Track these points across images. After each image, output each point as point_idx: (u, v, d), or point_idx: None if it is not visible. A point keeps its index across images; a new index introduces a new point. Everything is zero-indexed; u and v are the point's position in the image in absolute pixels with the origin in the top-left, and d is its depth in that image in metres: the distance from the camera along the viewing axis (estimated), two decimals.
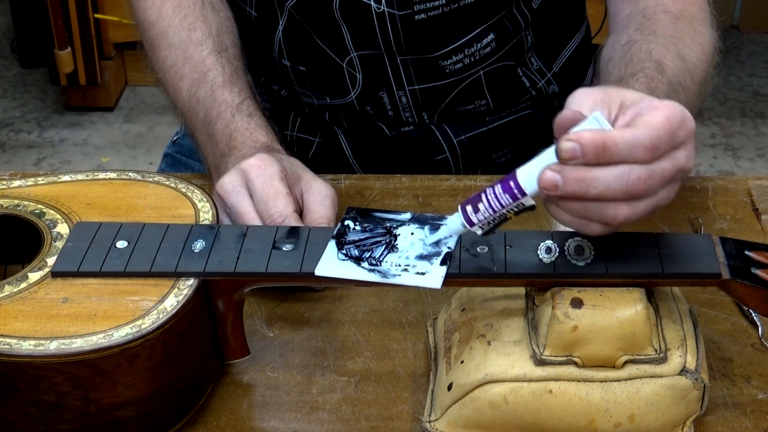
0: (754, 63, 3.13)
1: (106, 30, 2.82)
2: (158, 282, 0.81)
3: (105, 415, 0.78)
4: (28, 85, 3.06)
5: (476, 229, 0.78)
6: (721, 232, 1.03)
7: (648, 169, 0.74)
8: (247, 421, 0.85)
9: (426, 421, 0.83)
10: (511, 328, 0.82)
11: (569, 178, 0.73)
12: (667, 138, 0.74)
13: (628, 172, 0.73)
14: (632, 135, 0.73)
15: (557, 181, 0.73)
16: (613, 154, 0.73)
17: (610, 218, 0.75)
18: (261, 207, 0.93)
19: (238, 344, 0.86)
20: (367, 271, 0.81)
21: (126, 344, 0.76)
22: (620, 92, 0.78)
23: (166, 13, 1.11)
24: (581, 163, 0.73)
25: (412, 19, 1.09)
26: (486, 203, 0.76)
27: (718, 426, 0.84)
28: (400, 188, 1.11)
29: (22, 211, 0.89)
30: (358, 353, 0.91)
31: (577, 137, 0.73)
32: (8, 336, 0.76)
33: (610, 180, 0.73)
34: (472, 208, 0.77)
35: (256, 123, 1.03)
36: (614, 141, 0.72)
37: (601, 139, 0.72)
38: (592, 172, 0.73)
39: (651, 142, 0.73)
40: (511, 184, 0.76)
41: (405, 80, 1.14)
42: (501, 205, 0.76)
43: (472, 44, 1.13)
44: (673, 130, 0.74)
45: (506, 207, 0.76)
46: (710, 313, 0.94)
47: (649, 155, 0.73)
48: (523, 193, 0.76)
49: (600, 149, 0.72)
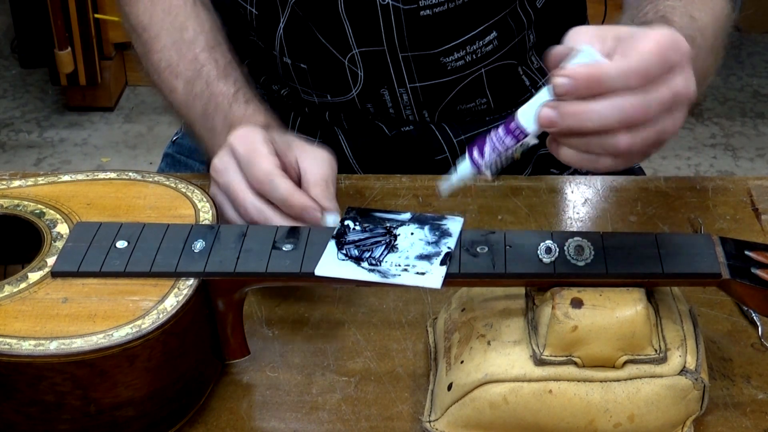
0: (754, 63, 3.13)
1: (106, 30, 2.82)
2: (158, 282, 0.81)
3: (105, 415, 0.78)
4: (28, 85, 3.06)
5: (485, 170, 0.79)
6: (721, 232, 1.03)
7: (643, 95, 0.74)
8: (247, 421, 0.85)
9: (426, 421, 0.83)
10: (511, 328, 0.82)
11: (565, 113, 0.74)
12: (659, 62, 0.74)
13: (622, 101, 0.73)
14: (624, 64, 0.73)
15: (554, 117, 0.74)
16: (607, 86, 0.73)
17: (612, 149, 0.75)
18: (247, 173, 0.91)
19: (238, 344, 0.86)
20: (367, 271, 0.81)
21: (126, 344, 0.76)
22: (615, 28, 0.78)
23: (158, 16, 1.11)
24: (576, 97, 0.73)
25: (416, 15, 1.10)
26: (491, 146, 0.78)
27: (718, 426, 0.84)
28: (400, 188, 1.11)
29: (22, 211, 0.89)
30: (358, 353, 0.91)
31: (569, 72, 0.73)
32: (8, 336, 0.76)
33: (606, 111, 0.73)
34: (478, 152, 0.79)
35: (253, 108, 1.03)
36: (606, 72, 0.73)
37: (593, 72, 0.73)
38: (587, 105, 0.73)
39: (642, 68, 0.73)
40: (512, 126, 0.77)
41: (406, 77, 1.14)
42: (505, 147, 0.78)
43: (474, 42, 1.13)
44: (664, 54, 0.74)
45: (510, 148, 0.78)
46: (710, 313, 0.94)
47: (642, 81, 0.73)
48: (524, 133, 0.77)
49: (592, 82, 0.73)
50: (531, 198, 1.09)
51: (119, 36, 2.83)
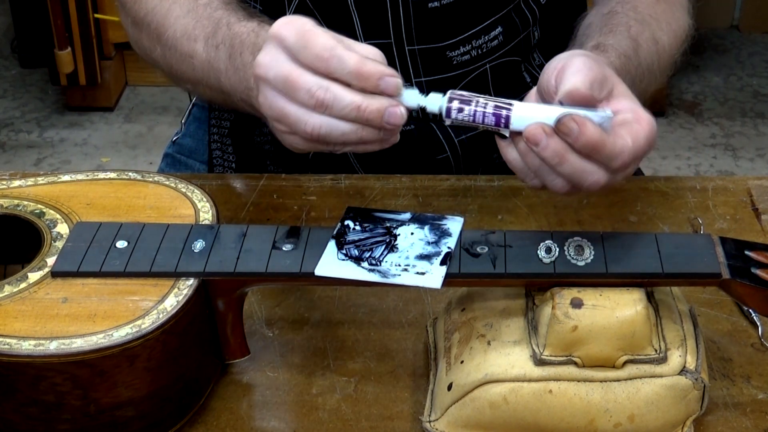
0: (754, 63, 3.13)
1: (106, 30, 2.82)
2: (158, 282, 0.81)
3: (105, 415, 0.78)
4: (28, 85, 3.06)
5: (446, 119, 0.80)
6: (721, 232, 1.03)
7: (611, 176, 0.80)
8: (247, 421, 0.85)
9: (426, 421, 0.83)
10: (511, 328, 0.82)
11: (551, 147, 0.78)
12: (639, 156, 0.80)
13: (595, 173, 0.79)
14: (620, 146, 0.78)
15: (541, 141, 0.78)
16: (597, 155, 0.78)
17: (552, 185, 0.81)
18: (303, 56, 0.80)
19: (238, 344, 0.86)
20: (367, 271, 0.81)
21: (126, 344, 0.76)
22: (615, 79, 0.83)
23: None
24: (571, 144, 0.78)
25: (425, 7, 1.10)
26: (471, 110, 0.80)
27: (718, 426, 0.84)
28: (400, 188, 1.11)
29: (22, 211, 0.89)
30: (358, 353, 0.91)
31: (582, 124, 0.77)
32: (8, 336, 0.76)
33: (579, 170, 0.78)
34: (458, 104, 0.80)
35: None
36: (605, 146, 0.78)
37: (600, 141, 0.77)
38: (572, 155, 0.78)
39: (629, 157, 0.79)
40: (503, 113, 0.79)
41: (412, 72, 1.14)
42: (482, 121, 0.80)
43: (480, 36, 1.13)
44: (645, 150, 0.80)
45: (485, 124, 0.80)
46: (710, 313, 0.94)
47: (620, 168, 0.79)
48: (507, 125, 0.79)
49: (592, 146, 0.77)
50: (531, 198, 1.09)
51: (119, 36, 2.83)
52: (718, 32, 3.21)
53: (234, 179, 1.14)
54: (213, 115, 1.27)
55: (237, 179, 1.13)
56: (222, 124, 1.27)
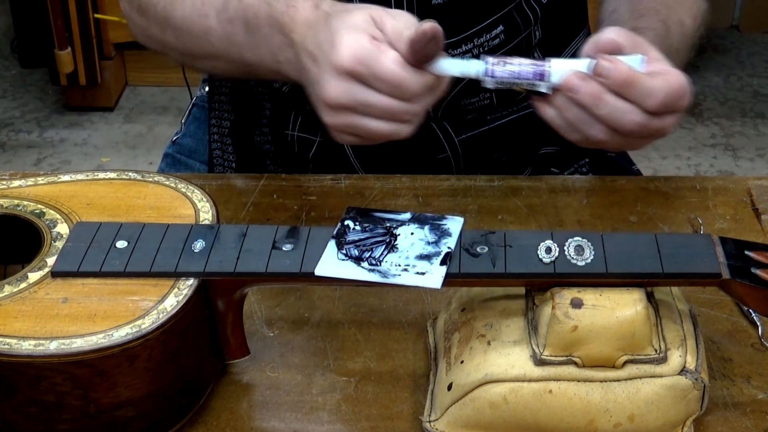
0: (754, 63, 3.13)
1: (106, 30, 2.82)
2: (158, 282, 0.81)
3: (105, 415, 0.78)
4: (28, 85, 3.06)
5: (488, 79, 0.86)
6: (721, 232, 1.03)
7: (647, 119, 0.85)
8: (247, 421, 0.85)
9: (426, 421, 0.83)
10: (511, 328, 0.82)
11: (587, 90, 0.85)
12: (673, 101, 0.86)
13: (630, 111, 0.85)
14: (653, 84, 0.85)
15: (578, 85, 0.85)
16: (632, 92, 0.84)
17: (591, 135, 0.86)
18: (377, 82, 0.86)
19: (238, 344, 0.86)
20: (367, 271, 0.81)
21: (126, 344, 0.76)
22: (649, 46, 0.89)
23: None
24: (606, 84, 0.84)
25: (428, 4, 1.10)
26: (512, 68, 0.86)
27: (718, 426, 0.84)
28: (400, 188, 1.11)
29: (22, 211, 0.89)
30: (358, 353, 0.91)
31: (615, 63, 0.84)
32: (8, 336, 0.76)
33: (616, 109, 0.85)
34: (495, 61, 0.86)
35: None
36: (641, 82, 0.84)
37: (633, 76, 0.84)
38: (607, 95, 0.85)
39: (663, 97, 0.85)
40: (539, 67, 0.86)
41: None
42: (520, 76, 0.86)
43: (482, 34, 1.13)
44: (680, 97, 0.86)
45: (524, 78, 0.86)
46: (710, 313, 0.94)
47: (655, 108, 0.85)
48: (545, 77, 0.86)
49: (627, 82, 0.84)
50: (531, 198, 1.09)
51: (119, 36, 2.83)
52: (718, 32, 3.21)
53: (234, 179, 1.14)
54: (213, 115, 1.27)
55: (237, 179, 1.13)
56: (222, 124, 1.27)
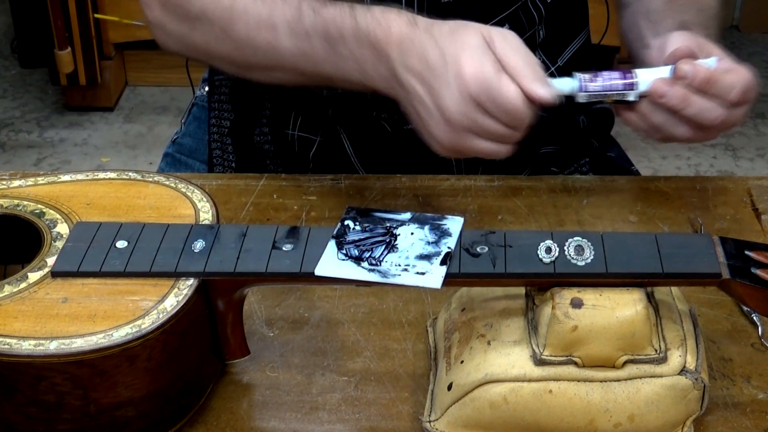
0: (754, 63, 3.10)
1: (106, 30, 2.82)
2: (158, 282, 0.81)
3: (105, 415, 0.78)
4: (28, 85, 3.06)
5: (581, 94, 0.95)
6: (721, 232, 1.03)
7: (726, 112, 0.95)
8: (247, 421, 0.85)
9: (426, 421, 0.83)
10: (511, 328, 0.82)
11: (675, 94, 0.95)
12: (747, 92, 0.95)
13: (715, 108, 0.95)
14: (731, 79, 0.94)
15: (665, 91, 0.94)
16: (714, 90, 0.94)
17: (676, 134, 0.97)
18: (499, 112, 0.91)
19: (238, 344, 0.86)
20: (367, 271, 0.81)
21: (126, 344, 0.76)
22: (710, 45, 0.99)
23: None
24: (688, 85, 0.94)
25: (438, 2, 1.10)
26: (602, 79, 0.95)
27: (718, 426, 0.84)
28: (400, 188, 1.11)
29: (22, 211, 0.89)
30: (358, 353, 0.91)
31: (694, 65, 0.94)
32: (8, 336, 0.76)
33: (702, 107, 0.94)
34: (587, 77, 0.95)
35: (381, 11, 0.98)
36: (718, 79, 0.94)
37: (711, 74, 0.94)
38: (693, 96, 0.94)
39: (742, 89, 0.95)
40: (628, 78, 0.95)
41: None
42: (611, 88, 0.95)
43: None
44: (752, 88, 0.96)
45: (614, 91, 0.95)
46: (710, 313, 0.94)
47: (737, 99, 0.94)
48: (634, 88, 0.95)
49: (707, 81, 0.94)
50: (531, 198, 1.09)
51: (119, 36, 2.83)
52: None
53: (234, 179, 1.14)
54: (213, 114, 1.27)
55: (237, 179, 1.13)
56: (222, 124, 1.27)
